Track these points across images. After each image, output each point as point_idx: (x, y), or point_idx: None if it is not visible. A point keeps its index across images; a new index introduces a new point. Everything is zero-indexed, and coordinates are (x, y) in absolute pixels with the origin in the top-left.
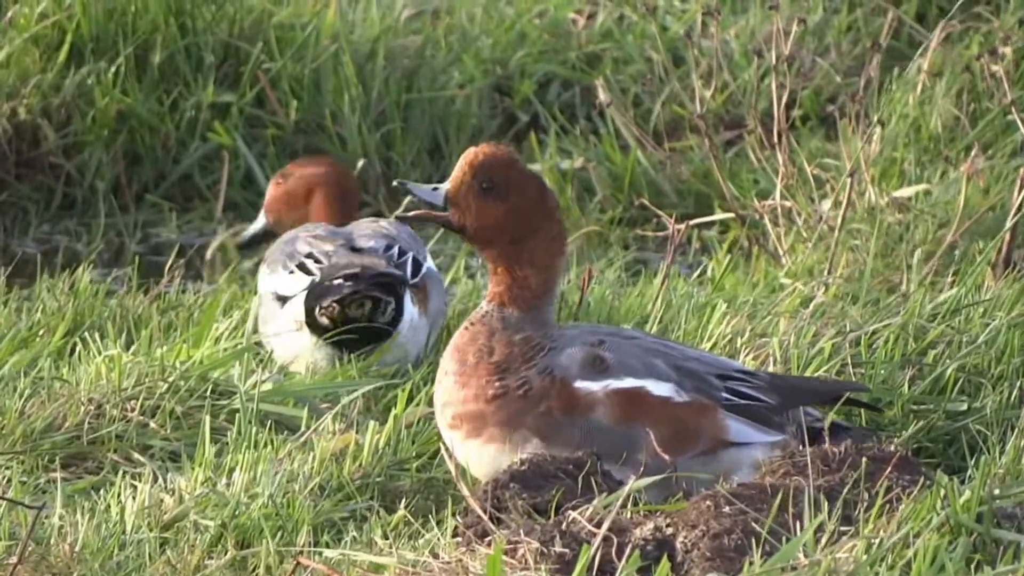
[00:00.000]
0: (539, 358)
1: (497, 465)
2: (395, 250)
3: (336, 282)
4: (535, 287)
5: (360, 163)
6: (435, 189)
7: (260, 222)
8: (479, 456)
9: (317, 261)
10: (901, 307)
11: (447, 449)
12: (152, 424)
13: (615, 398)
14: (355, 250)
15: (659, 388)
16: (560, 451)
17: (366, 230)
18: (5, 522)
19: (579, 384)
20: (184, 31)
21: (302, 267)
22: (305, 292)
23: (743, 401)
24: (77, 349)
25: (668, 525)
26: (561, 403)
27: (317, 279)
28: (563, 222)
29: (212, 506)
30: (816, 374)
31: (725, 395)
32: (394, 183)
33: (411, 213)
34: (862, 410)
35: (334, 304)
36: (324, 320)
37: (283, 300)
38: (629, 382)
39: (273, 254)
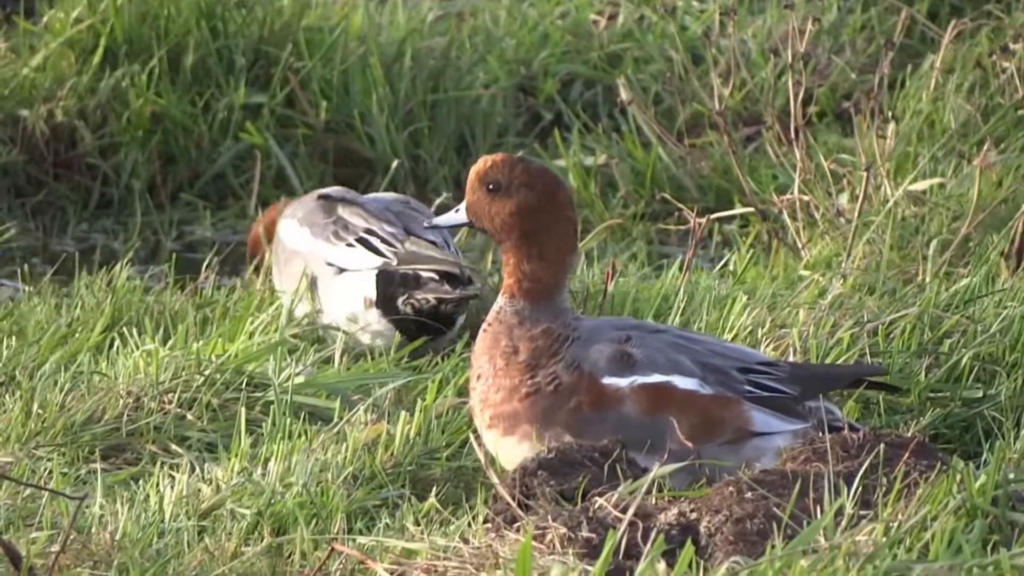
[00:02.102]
0: (564, 350)
1: (533, 455)
2: (453, 247)
3: (428, 275)
4: (545, 281)
5: (394, 164)
6: (456, 211)
7: None
8: (514, 453)
9: (384, 242)
10: (917, 298)
11: (477, 439)
12: (189, 416)
13: (642, 392)
14: (418, 238)
15: (684, 383)
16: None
17: (403, 210)
18: (48, 512)
19: (607, 380)
20: (216, 34)
21: (365, 243)
22: (377, 272)
23: (765, 393)
24: (115, 344)
25: (692, 510)
26: (590, 398)
27: (393, 262)
28: (575, 218)
29: (248, 495)
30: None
31: (747, 388)
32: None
33: (441, 223)
34: (880, 399)
35: (428, 299)
36: (407, 309)
37: (340, 270)
38: (656, 377)
39: (310, 215)
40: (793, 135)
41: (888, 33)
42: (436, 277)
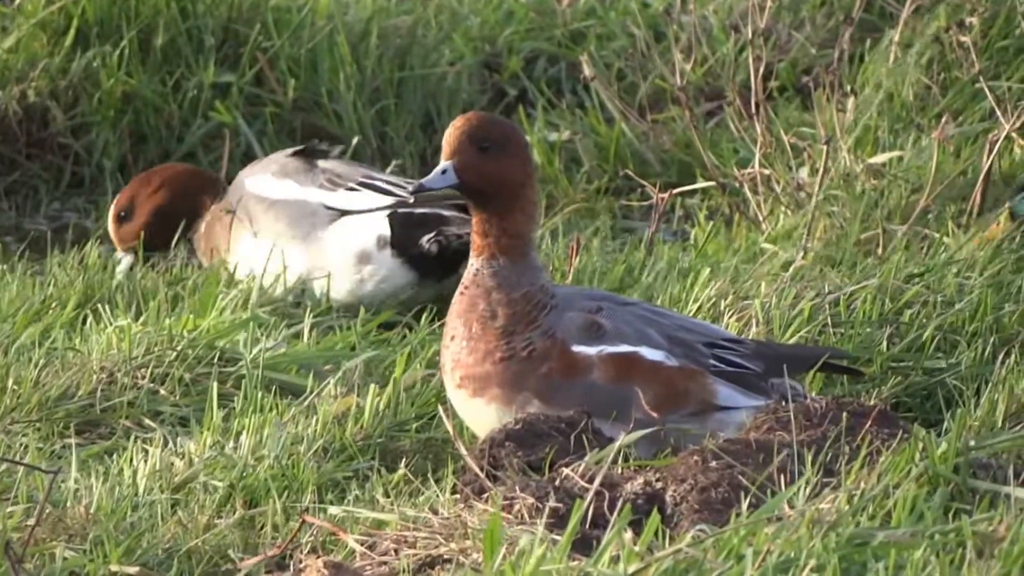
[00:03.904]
0: (542, 317)
1: (499, 424)
2: None
3: (452, 213)
4: (525, 234)
5: (355, 140)
6: (444, 172)
7: (128, 259)
8: (482, 415)
9: (390, 183)
10: (877, 269)
11: (445, 411)
12: (162, 391)
13: (609, 361)
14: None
15: (651, 354)
16: (559, 412)
17: (367, 169)
18: (23, 486)
19: (576, 348)
20: (185, 14)
21: (369, 186)
22: (390, 211)
23: (730, 368)
24: (88, 321)
25: (658, 480)
26: (561, 365)
27: (410, 200)
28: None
29: (221, 468)
30: (797, 335)
31: (712, 362)
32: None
33: (431, 184)
34: (844, 375)
35: (461, 235)
36: (433, 247)
37: (341, 213)
38: (623, 347)
39: (286, 168)
40: (754, 110)
41: (847, 8)
42: (462, 214)
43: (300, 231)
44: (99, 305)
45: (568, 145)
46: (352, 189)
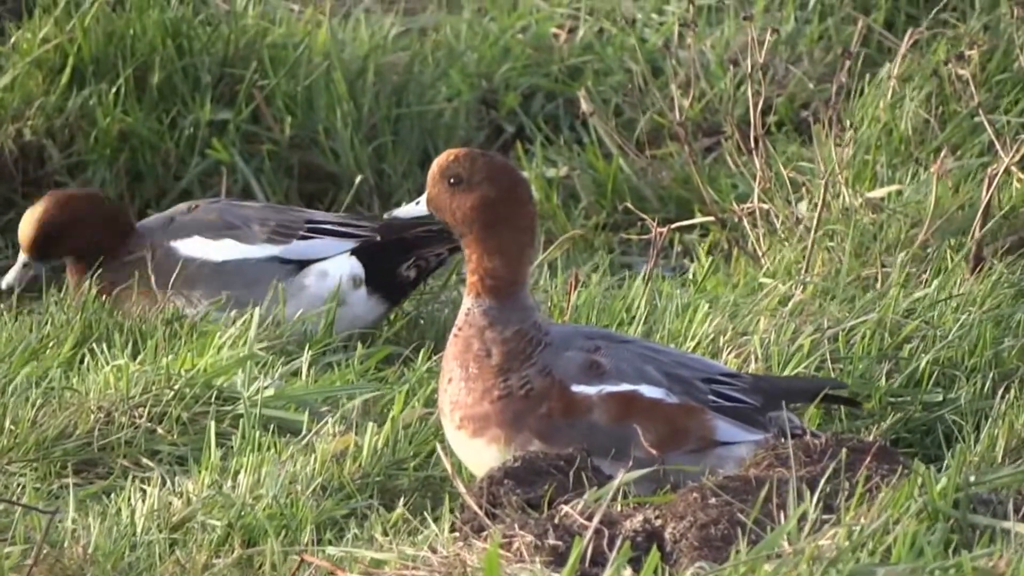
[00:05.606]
0: (536, 355)
1: (499, 464)
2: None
3: (422, 233)
4: (505, 275)
5: (357, 179)
6: (416, 204)
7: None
8: (482, 455)
9: (343, 224)
10: (877, 304)
11: (444, 448)
12: (159, 430)
13: (610, 400)
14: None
15: (651, 392)
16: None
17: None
18: (21, 526)
19: (576, 388)
20: (181, 52)
21: (323, 231)
22: (354, 251)
23: (728, 404)
24: (86, 360)
25: (657, 517)
26: (561, 405)
27: (376, 237)
28: (534, 212)
29: (219, 507)
30: (796, 371)
31: (711, 398)
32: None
33: (401, 215)
34: (841, 407)
35: (442, 252)
36: (411, 272)
37: (300, 265)
38: (624, 387)
39: (216, 225)
40: (752, 144)
41: (845, 42)
42: (432, 232)
43: (258, 289)
44: (96, 344)
45: (566, 181)
46: (305, 237)
